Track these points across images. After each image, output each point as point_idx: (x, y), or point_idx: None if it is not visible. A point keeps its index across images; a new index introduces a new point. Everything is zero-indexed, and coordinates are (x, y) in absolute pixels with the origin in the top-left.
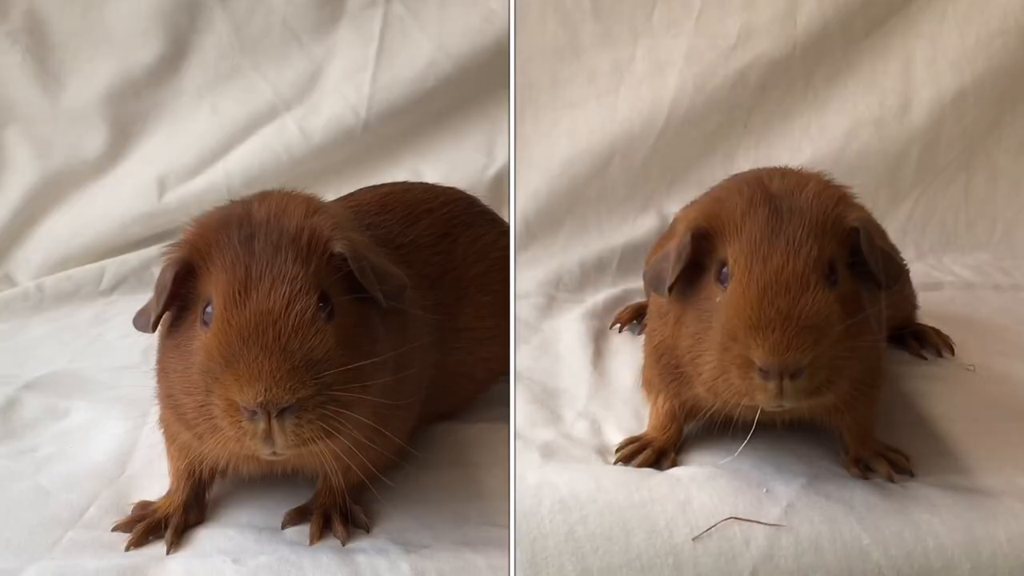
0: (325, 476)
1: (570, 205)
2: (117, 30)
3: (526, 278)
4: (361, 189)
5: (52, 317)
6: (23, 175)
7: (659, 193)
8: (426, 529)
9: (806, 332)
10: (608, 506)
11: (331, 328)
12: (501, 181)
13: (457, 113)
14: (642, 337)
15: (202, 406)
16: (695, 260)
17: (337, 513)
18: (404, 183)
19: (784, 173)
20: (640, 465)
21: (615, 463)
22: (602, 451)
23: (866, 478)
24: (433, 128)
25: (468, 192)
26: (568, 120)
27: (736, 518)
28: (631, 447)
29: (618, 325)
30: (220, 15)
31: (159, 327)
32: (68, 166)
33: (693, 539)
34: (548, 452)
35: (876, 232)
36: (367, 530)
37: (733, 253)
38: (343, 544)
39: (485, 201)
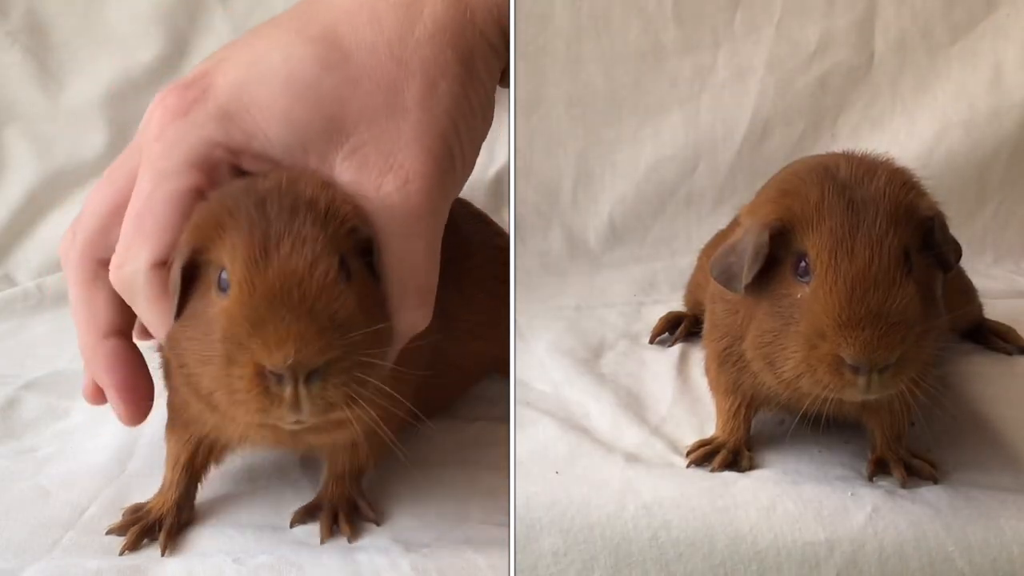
0: (330, 468)
1: (656, 211)
2: (117, 30)
3: (613, 281)
4: None
5: (52, 317)
6: (23, 175)
7: (747, 202)
8: (427, 528)
9: (895, 329)
10: (692, 511)
11: (352, 291)
12: (501, 181)
13: None
14: (677, 348)
15: (221, 376)
16: (769, 254)
17: (344, 510)
18: None
19: (849, 159)
20: (719, 467)
21: (687, 466)
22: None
23: (872, 480)
24: None
25: (469, 194)
26: (651, 125)
27: None
28: (703, 450)
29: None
30: (220, 15)
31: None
32: (68, 166)
33: None
34: (632, 457)
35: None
36: (377, 523)
37: (814, 247)
38: (349, 542)
39: (485, 200)
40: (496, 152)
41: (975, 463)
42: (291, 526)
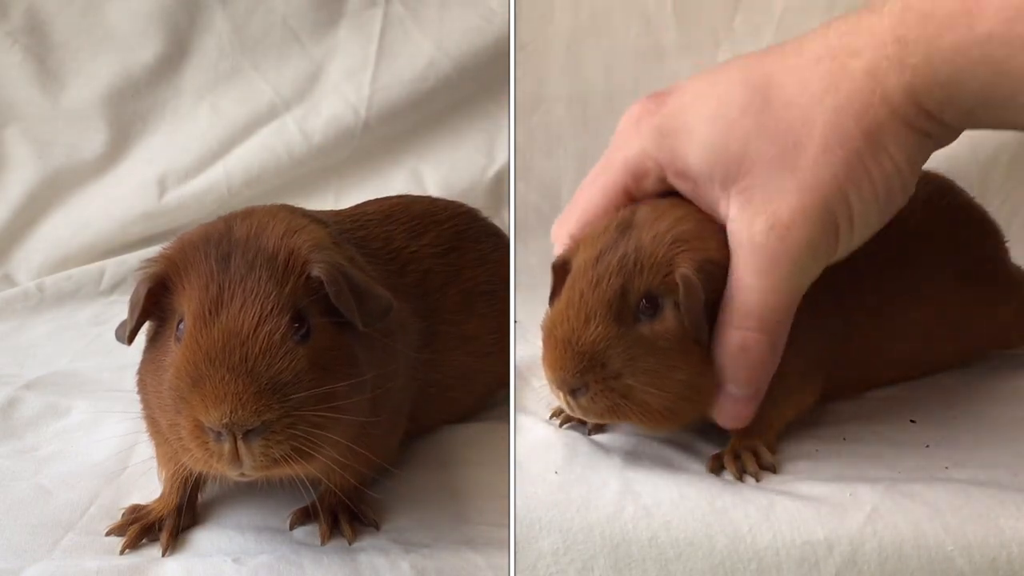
0: (327, 478)
1: None
2: (117, 30)
3: None
4: (367, 201)
5: (52, 317)
6: (23, 175)
7: None
8: (426, 528)
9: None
10: (691, 511)
11: (304, 350)
12: (501, 181)
13: (457, 113)
14: None
15: (172, 425)
16: None
17: (344, 512)
18: (408, 196)
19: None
20: None
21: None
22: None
23: (717, 473)
24: (433, 128)
25: (469, 194)
26: None
27: None
28: None
29: None
30: (220, 15)
31: (143, 338)
32: (68, 166)
33: None
34: (631, 456)
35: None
36: (376, 527)
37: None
38: (349, 544)
39: (485, 200)
40: (496, 152)
41: (975, 462)
42: (290, 527)
